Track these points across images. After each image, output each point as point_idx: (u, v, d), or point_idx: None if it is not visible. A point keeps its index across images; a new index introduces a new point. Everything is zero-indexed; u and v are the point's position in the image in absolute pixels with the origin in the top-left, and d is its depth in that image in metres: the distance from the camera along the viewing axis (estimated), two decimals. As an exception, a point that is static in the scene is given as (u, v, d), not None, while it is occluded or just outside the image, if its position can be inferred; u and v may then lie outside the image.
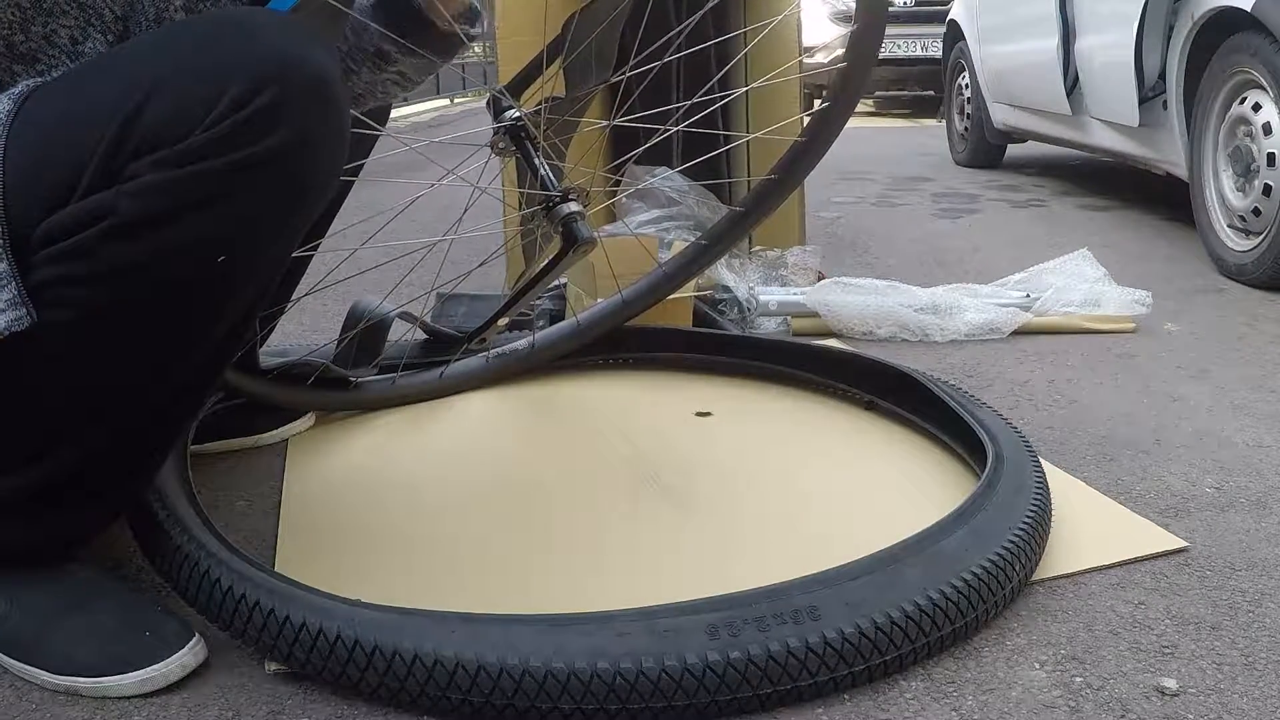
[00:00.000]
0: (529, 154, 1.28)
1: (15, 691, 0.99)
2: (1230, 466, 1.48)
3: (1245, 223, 2.66)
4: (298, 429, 1.61)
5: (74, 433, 0.99)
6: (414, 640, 0.92)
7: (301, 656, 0.95)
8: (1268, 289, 2.53)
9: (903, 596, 0.99)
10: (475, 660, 0.90)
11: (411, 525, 1.30)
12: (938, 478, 1.42)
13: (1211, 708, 0.94)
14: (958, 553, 1.06)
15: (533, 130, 1.31)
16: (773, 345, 1.88)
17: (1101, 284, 2.31)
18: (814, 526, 1.28)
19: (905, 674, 0.99)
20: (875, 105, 10.18)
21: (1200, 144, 2.85)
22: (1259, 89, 2.61)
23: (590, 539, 1.26)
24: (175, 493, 1.16)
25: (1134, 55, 3.07)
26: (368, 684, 0.93)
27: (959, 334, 2.13)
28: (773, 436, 1.60)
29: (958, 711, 0.94)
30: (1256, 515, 1.32)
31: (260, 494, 1.41)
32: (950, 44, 5.43)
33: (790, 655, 0.93)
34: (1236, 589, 1.14)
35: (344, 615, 0.95)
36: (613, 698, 0.89)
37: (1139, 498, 1.38)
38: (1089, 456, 1.52)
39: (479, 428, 1.61)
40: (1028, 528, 1.14)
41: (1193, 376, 1.90)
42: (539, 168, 1.27)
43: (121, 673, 0.97)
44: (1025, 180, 4.65)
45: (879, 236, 3.40)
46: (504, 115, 1.30)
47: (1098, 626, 1.07)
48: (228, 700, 0.96)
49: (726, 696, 0.91)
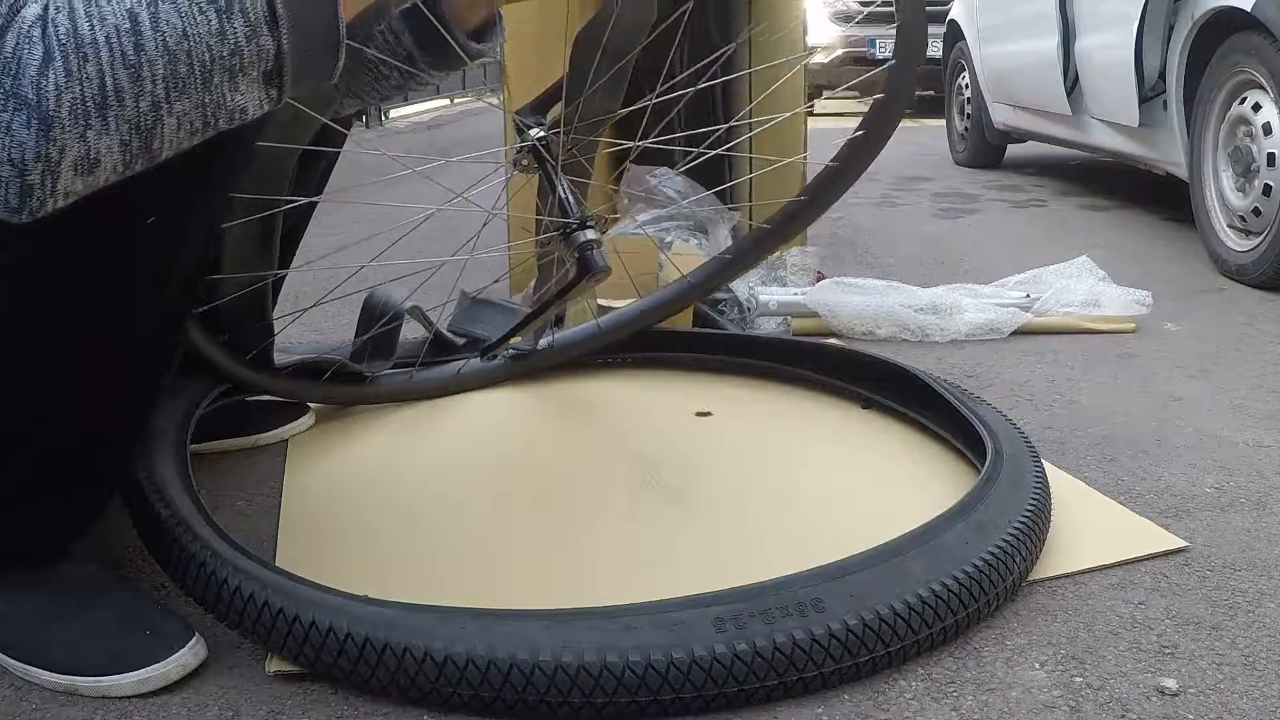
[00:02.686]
0: (550, 174, 1.28)
1: (15, 691, 0.99)
2: (1230, 466, 1.48)
3: (1245, 223, 2.66)
4: (298, 429, 1.61)
5: (27, 432, 0.99)
6: (424, 637, 0.92)
7: (311, 655, 0.95)
8: (1268, 289, 2.53)
9: (905, 589, 1.00)
10: (486, 655, 0.91)
11: (412, 525, 1.30)
12: (938, 474, 1.42)
13: (1211, 708, 0.94)
14: (959, 546, 1.07)
15: (553, 151, 1.31)
16: (772, 344, 1.88)
17: (1101, 284, 2.32)
18: (815, 523, 1.29)
19: (905, 674, 0.99)
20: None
21: (1200, 144, 2.85)
22: (1259, 89, 2.61)
23: (592, 537, 1.26)
24: (179, 493, 1.16)
25: (1134, 55, 3.07)
26: (378, 681, 0.93)
27: (959, 334, 2.13)
28: (773, 436, 1.60)
29: (957, 711, 0.94)
30: (1256, 515, 1.33)
31: (260, 494, 1.41)
32: (950, 44, 5.43)
33: (796, 647, 0.94)
34: (1236, 589, 1.14)
35: (353, 612, 0.95)
36: (622, 691, 0.90)
37: (1139, 498, 1.38)
38: (1089, 456, 1.52)
39: (479, 427, 1.61)
40: (1028, 521, 1.14)
41: (1193, 376, 1.90)
42: (559, 189, 1.27)
43: (121, 672, 0.97)
44: (1025, 180, 4.65)
45: (879, 236, 3.40)
46: (527, 134, 1.30)
47: (1098, 626, 1.07)
48: (228, 700, 0.96)
49: (734, 688, 0.92)
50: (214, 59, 0.81)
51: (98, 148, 0.79)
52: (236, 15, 0.81)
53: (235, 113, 0.85)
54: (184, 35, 0.80)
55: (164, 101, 0.80)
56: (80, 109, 0.78)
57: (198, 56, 0.80)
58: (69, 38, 0.77)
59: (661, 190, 2.37)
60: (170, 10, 0.79)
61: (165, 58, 0.79)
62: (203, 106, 0.82)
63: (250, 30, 0.82)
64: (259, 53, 0.83)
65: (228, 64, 0.82)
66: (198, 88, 0.81)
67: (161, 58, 0.79)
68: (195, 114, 0.82)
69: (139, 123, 0.80)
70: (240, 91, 0.84)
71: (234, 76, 0.83)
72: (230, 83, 0.83)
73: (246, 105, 0.85)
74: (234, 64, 0.82)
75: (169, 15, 0.79)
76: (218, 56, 0.81)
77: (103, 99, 0.78)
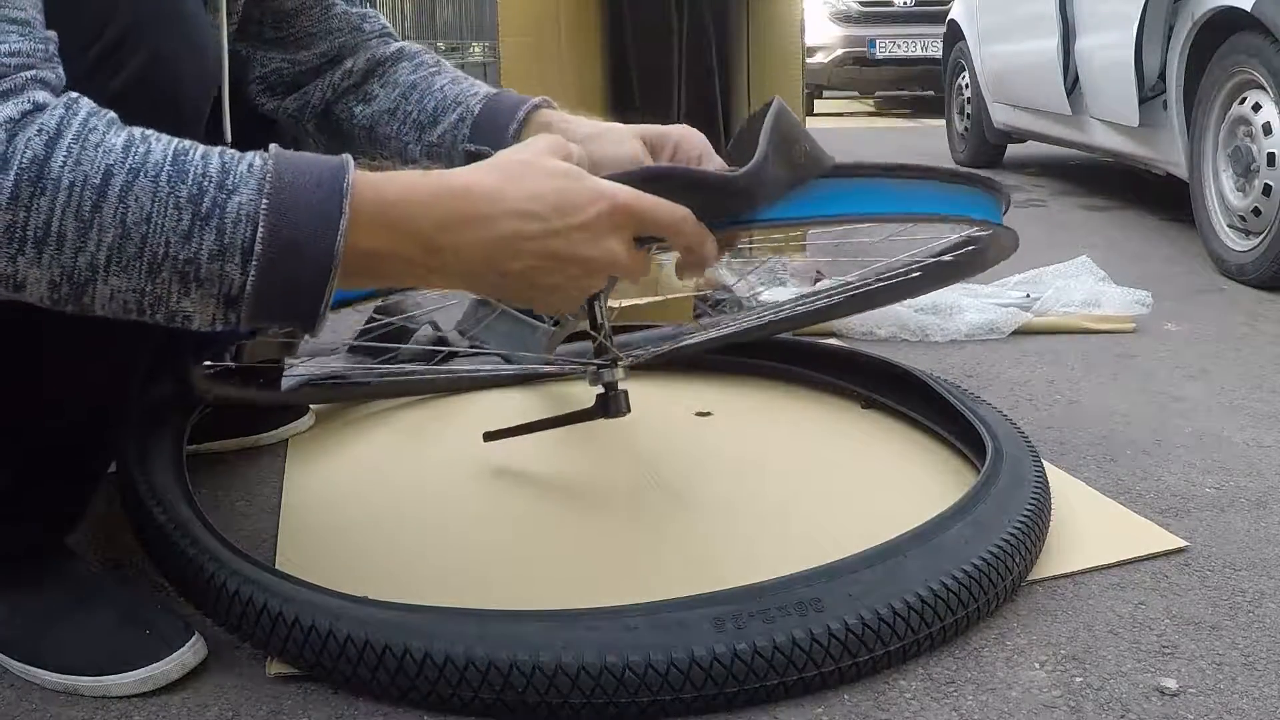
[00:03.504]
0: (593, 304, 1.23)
1: (16, 691, 0.99)
2: (1230, 466, 1.48)
3: (1245, 223, 2.66)
4: (298, 429, 1.61)
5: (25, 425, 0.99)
6: (424, 638, 0.92)
7: (311, 658, 0.95)
8: (1268, 289, 2.53)
9: (904, 588, 1.00)
10: (486, 657, 0.91)
11: (411, 525, 1.30)
12: (938, 473, 1.42)
13: (1211, 708, 0.94)
14: (958, 545, 1.07)
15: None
16: (773, 344, 1.88)
17: (1101, 284, 2.32)
18: (815, 522, 1.28)
19: (905, 674, 0.99)
20: (876, 105, 10.19)
21: (1200, 144, 2.85)
22: (1259, 89, 2.61)
23: (591, 538, 1.26)
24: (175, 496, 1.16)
25: (1134, 55, 3.06)
26: (378, 683, 0.93)
27: (959, 334, 2.13)
28: (773, 436, 1.60)
29: (957, 711, 0.94)
30: (1256, 515, 1.33)
31: (260, 494, 1.41)
32: (950, 44, 5.43)
33: (795, 646, 0.94)
34: (1236, 589, 1.14)
35: (353, 614, 0.95)
36: (622, 691, 0.90)
37: (1139, 498, 1.38)
38: (1089, 456, 1.52)
39: (479, 428, 1.61)
40: (1028, 521, 1.14)
41: (1193, 376, 1.90)
42: (601, 322, 1.23)
43: (121, 672, 0.97)
44: (1025, 180, 4.65)
45: (879, 236, 3.39)
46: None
47: (1098, 626, 1.07)
48: (228, 700, 0.96)
49: (734, 688, 0.92)
50: (168, 257, 0.74)
51: (26, 275, 0.74)
52: (210, 229, 0.74)
53: (178, 315, 0.78)
54: (146, 219, 0.73)
55: (102, 269, 0.74)
56: (17, 234, 0.72)
57: (151, 246, 0.74)
58: (32, 165, 0.72)
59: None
60: (147, 189, 0.74)
61: (117, 230, 0.73)
62: (141, 293, 0.76)
63: (218, 249, 0.75)
64: (220, 276, 0.76)
65: (181, 269, 0.75)
66: (141, 274, 0.75)
67: (113, 228, 0.73)
68: (132, 296, 0.76)
69: (73, 274, 0.74)
70: (190, 300, 0.77)
71: (186, 283, 0.76)
72: (181, 287, 0.76)
73: (193, 315, 0.78)
74: (188, 272, 0.75)
75: (142, 193, 0.74)
76: (173, 257, 0.74)
77: (43, 235, 0.73)
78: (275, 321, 0.80)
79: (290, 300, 0.78)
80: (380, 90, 1.23)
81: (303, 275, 0.77)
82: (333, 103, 1.24)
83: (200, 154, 0.76)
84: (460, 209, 0.82)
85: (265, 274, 0.76)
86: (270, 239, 0.75)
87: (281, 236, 0.75)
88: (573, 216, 0.84)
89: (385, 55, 1.24)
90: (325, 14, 1.24)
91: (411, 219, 0.81)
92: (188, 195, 0.74)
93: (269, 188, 0.76)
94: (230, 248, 0.75)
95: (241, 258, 0.75)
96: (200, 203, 0.74)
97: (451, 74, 1.25)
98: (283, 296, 0.77)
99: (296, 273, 0.77)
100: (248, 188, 0.75)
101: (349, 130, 1.25)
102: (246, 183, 0.76)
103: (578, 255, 0.85)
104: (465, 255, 0.82)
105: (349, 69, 1.23)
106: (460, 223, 0.82)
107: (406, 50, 1.26)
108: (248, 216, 0.75)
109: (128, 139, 0.75)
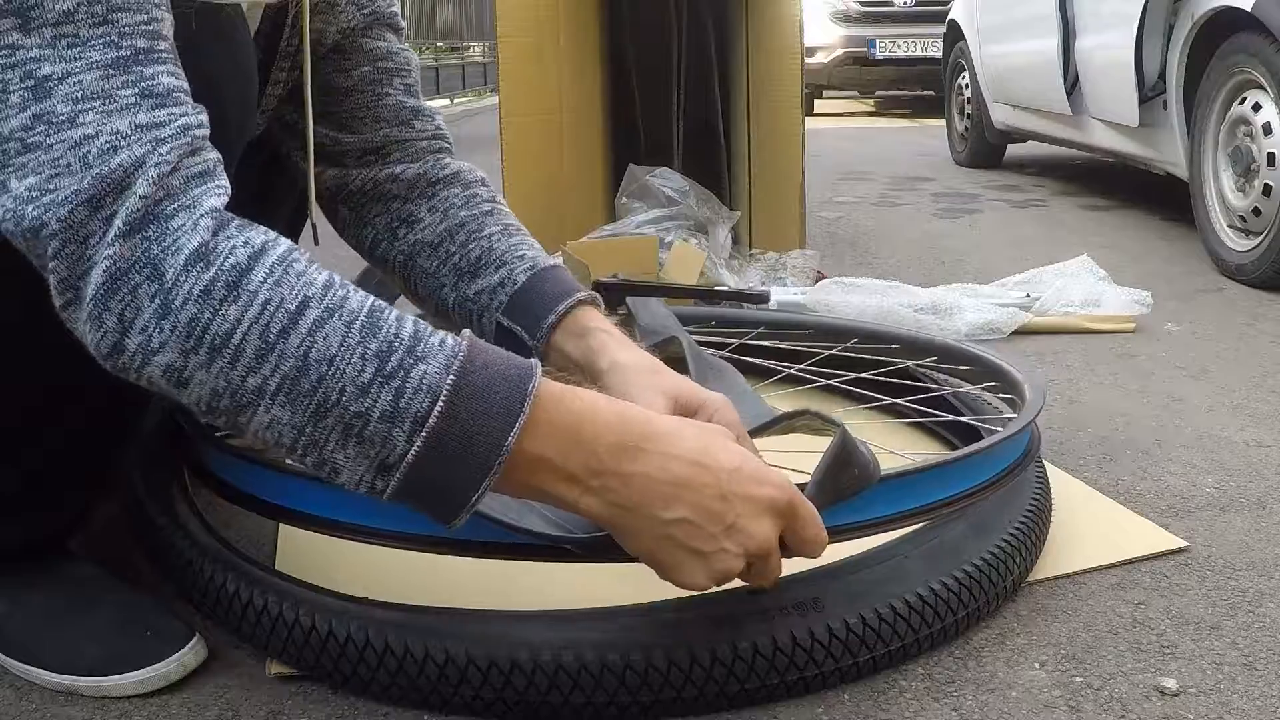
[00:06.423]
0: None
1: (16, 691, 0.99)
2: (1230, 466, 1.48)
3: (1245, 223, 2.66)
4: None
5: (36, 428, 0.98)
6: (424, 638, 0.92)
7: (311, 658, 0.95)
8: (1268, 289, 2.53)
9: (904, 588, 1.00)
10: (486, 657, 0.91)
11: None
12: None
13: (1211, 708, 0.94)
14: (958, 545, 1.07)
15: None
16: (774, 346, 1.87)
17: (1101, 284, 2.32)
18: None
19: (905, 674, 0.99)
20: (875, 105, 10.19)
21: (1200, 144, 2.85)
22: (1259, 89, 2.61)
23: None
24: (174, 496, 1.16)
25: (1134, 55, 3.07)
26: (378, 683, 0.93)
27: (959, 334, 2.13)
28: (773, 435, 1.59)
29: (958, 711, 0.94)
30: (1256, 515, 1.33)
31: (260, 494, 1.40)
32: (950, 44, 5.43)
33: (795, 645, 0.94)
34: (1236, 589, 1.14)
35: (353, 614, 0.95)
36: (623, 690, 0.90)
37: (1139, 498, 1.38)
38: (1089, 456, 1.52)
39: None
40: (1028, 521, 1.14)
41: (1193, 376, 1.90)
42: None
43: (122, 672, 0.97)
44: (1025, 180, 4.66)
45: (879, 236, 3.40)
46: None
47: (1098, 626, 1.07)
48: (228, 700, 0.96)
49: (734, 687, 0.92)
50: (339, 405, 0.73)
51: (193, 374, 0.73)
52: (390, 389, 0.72)
53: (328, 464, 0.75)
54: (329, 360, 0.72)
55: (269, 396, 0.73)
56: (196, 331, 0.71)
57: (326, 388, 0.72)
58: (233, 270, 0.71)
59: (661, 190, 2.37)
60: (338, 330, 0.73)
61: (297, 362, 0.72)
62: (300, 431, 0.74)
63: (392, 411, 0.73)
64: (385, 438, 0.73)
65: (349, 420, 0.73)
66: (306, 413, 0.73)
67: (294, 359, 0.72)
68: (289, 431, 0.74)
69: (238, 391, 0.73)
70: (346, 453, 0.74)
71: (348, 436, 0.73)
72: (341, 438, 0.74)
73: (342, 469, 0.75)
74: (354, 425, 0.73)
75: (332, 333, 0.73)
76: (345, 406, 0.73)
77: (221, 344, 0.72)
78: (417, 503, 0.78)
79: (444, 483, 0.76)
80: (426, 215, 1.17)
81: (469, 458, 0.75)
82: (374, 201, 1.19)
83: (395, 315, 0.76)
84: (641, 436, 0.80)
85: (430, 448, 0.74)
86: (447, 415, 0.74)
87: (459, 417, 0.74)
88: (746, 487, 0.82)
89: (439, 177, 1.18)
90: (377, 100, 1.18)
91: (589, 436, 0.79)
92: (376, 349, 0.73)
93: (458, 366, 0.75)
94: (404, 412, 0.73)
95: (411, 426, 0.73)
96: (387, 360, 0.73)
97: (502, 220, 1.18)
98: (438, 478, 0.75)
99: (462, 455, 0.74)
100: (436, 360, 0.75)
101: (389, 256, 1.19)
102: (436, 355, 0.75)
103: (736, 524, 0.81)
104: (629, 485, 0.79)
105: (396, 174, 1.17)
106: (636, 451, 0.80)
107: (462, 175, 1.19)
108: (430, 388, 0.74)
109: (329, 279, 0.75)
